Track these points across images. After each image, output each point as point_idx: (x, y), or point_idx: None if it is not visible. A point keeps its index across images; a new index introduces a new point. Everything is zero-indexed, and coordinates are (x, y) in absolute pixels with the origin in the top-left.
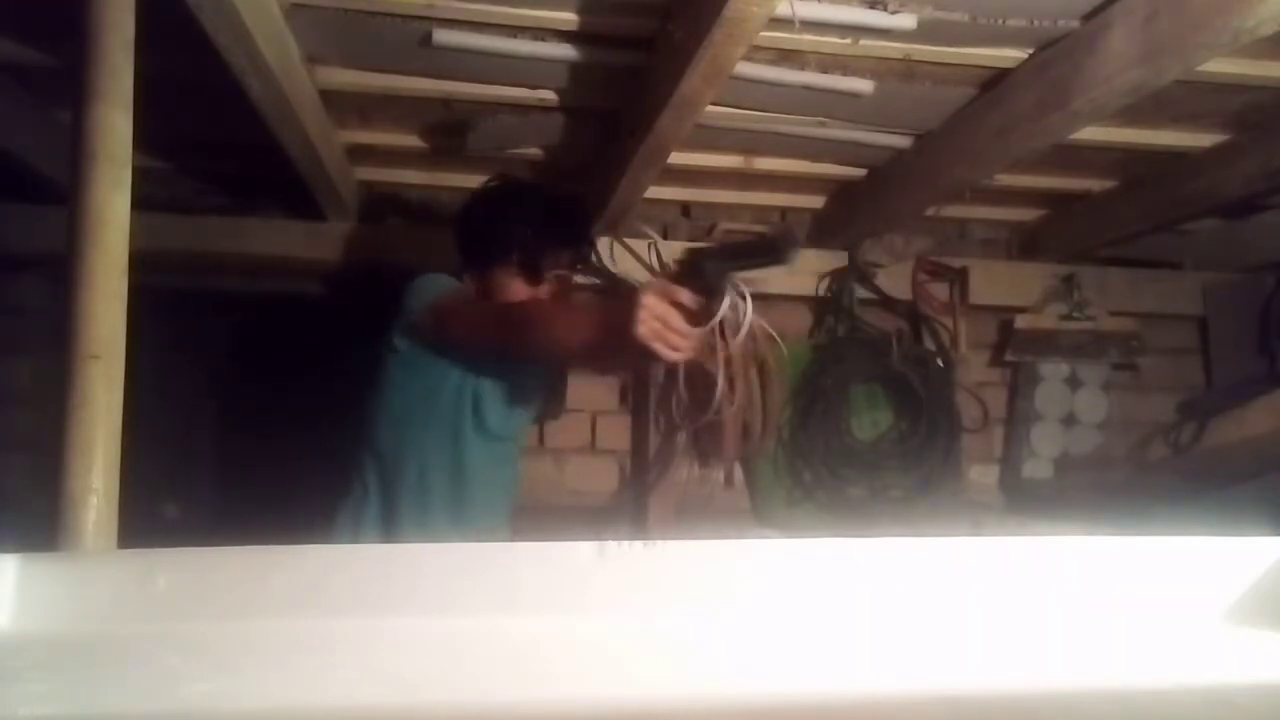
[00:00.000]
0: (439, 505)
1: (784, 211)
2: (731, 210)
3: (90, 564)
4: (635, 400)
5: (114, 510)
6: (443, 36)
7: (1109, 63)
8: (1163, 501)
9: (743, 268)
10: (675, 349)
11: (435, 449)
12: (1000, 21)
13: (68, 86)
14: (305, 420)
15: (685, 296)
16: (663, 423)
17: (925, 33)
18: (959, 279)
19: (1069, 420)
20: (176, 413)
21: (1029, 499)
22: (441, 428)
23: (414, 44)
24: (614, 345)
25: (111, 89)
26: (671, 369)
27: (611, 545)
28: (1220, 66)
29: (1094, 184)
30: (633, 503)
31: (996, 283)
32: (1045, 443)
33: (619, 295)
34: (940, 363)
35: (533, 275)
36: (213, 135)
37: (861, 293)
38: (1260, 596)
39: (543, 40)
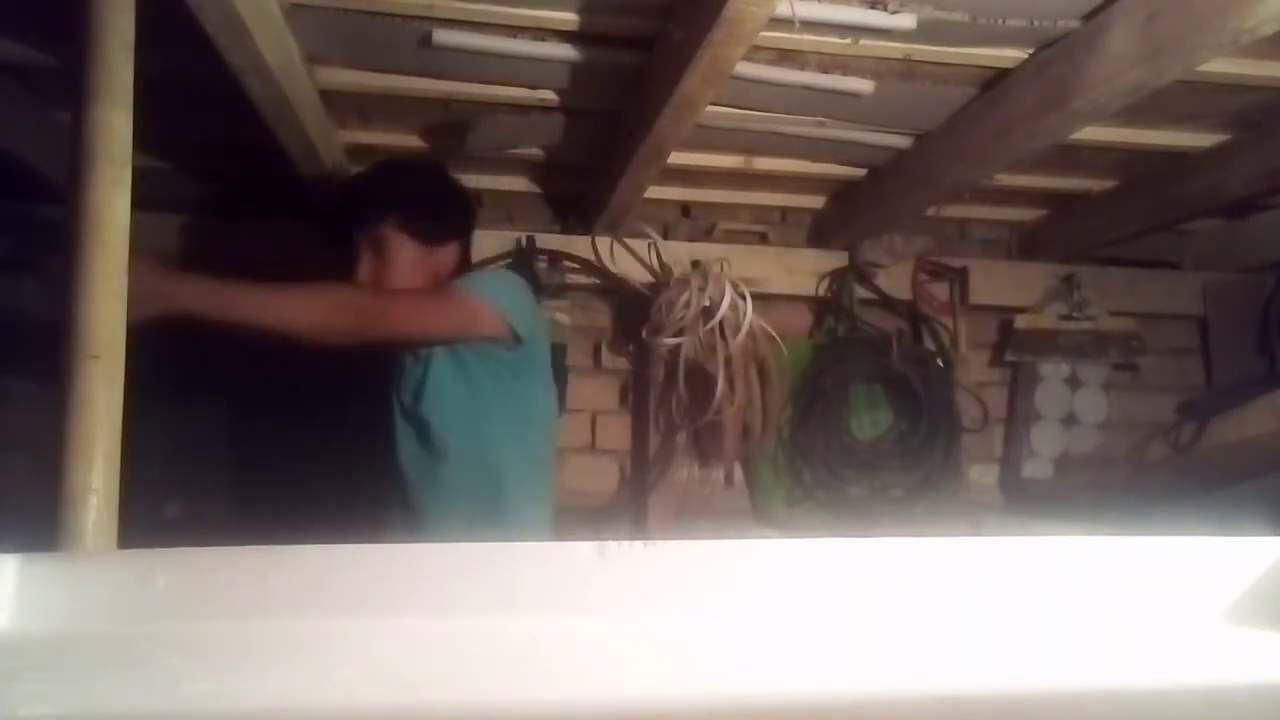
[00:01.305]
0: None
1: (784, 211)
2: (731, 210)
3: (90, 564)
4: (635, 400)
5: (114, 510)
6: (443, 36)
7: (1109, 63)
8: (1163, 501)
9: None
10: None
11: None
12: (1000, 21)
13: (68, 86)
14: (308, 420)
15: None
16: (663, 423)
17: (925, 33)
18: (959, 279)
19: (1069, 420)
20: (180, 411)
21: (1029, 499)
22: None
23: (414, 44)
24: None
25: (111, 89)
26: (671, 369)
27: (611, 545)
28: (1220, 66)
29: (1094, 184)
30: (633, 503)
31: (996, 283)
32: (1045, 443)
33: None
34: (940, 363)
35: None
36: (213, 135)
37: (861, 293)
38: (1260, 596)
39: (543, 40)
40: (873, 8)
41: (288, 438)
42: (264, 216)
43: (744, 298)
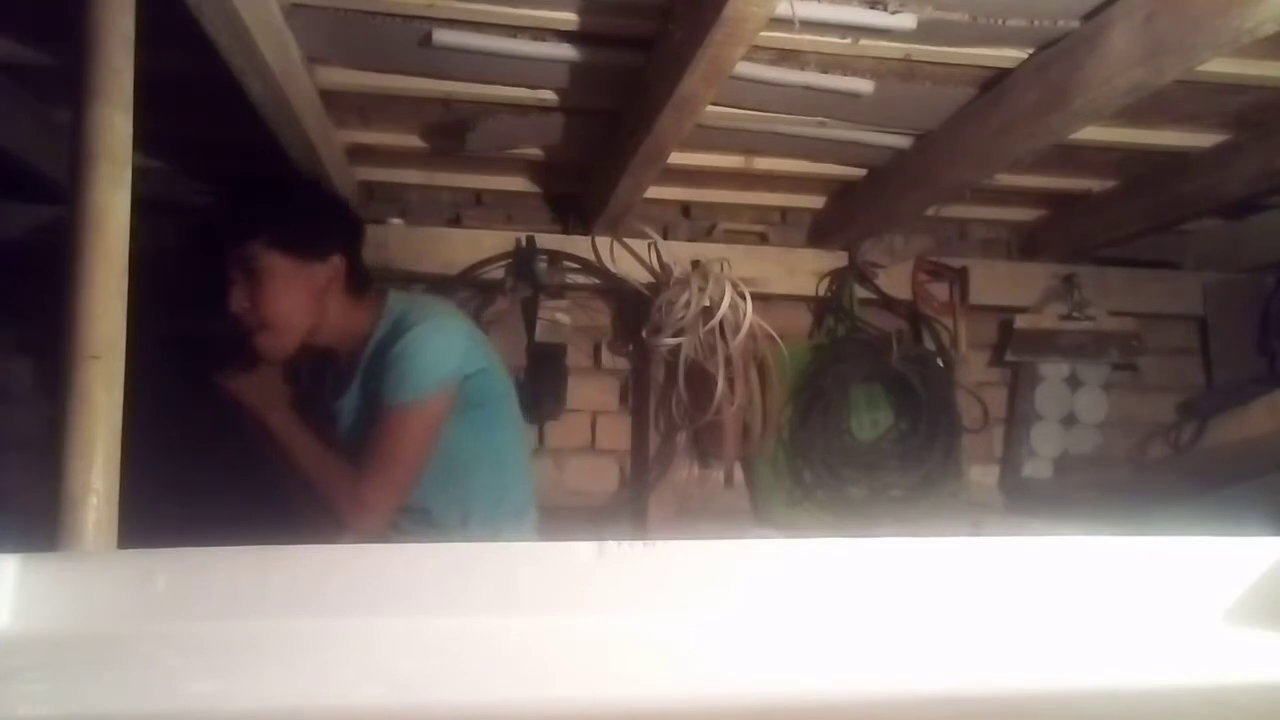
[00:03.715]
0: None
1: (784, 211)
2: (731, 210)
3: (90, 564)
4: (635, 400)
5: (114, 510)
6: (443, 36)
7: (1109, 63)
8: (1163, 501)
9: None
10: None
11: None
12: (1000, 21)
13: (68, 86)
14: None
15: None
16: (663, 423)
17: (925, 33)
18: (959, 279)
19: (1069, 420)
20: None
21: (1029, 499)
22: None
23: (414, 44)
24: None
25: (111, 89)
26: (671, 369)
27: (611, 545)
28: (1220, 66)
29: (1094, 184)
30: (633, 503)
31: (996, 283)
32: (1045, 443)
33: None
34: (940, 363)
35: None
36: (213, 135)
37: (861, 293)
38: (1260, 596)
39: (543, 40)
40: (873, 8)
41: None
42: None
43: (744, 298)
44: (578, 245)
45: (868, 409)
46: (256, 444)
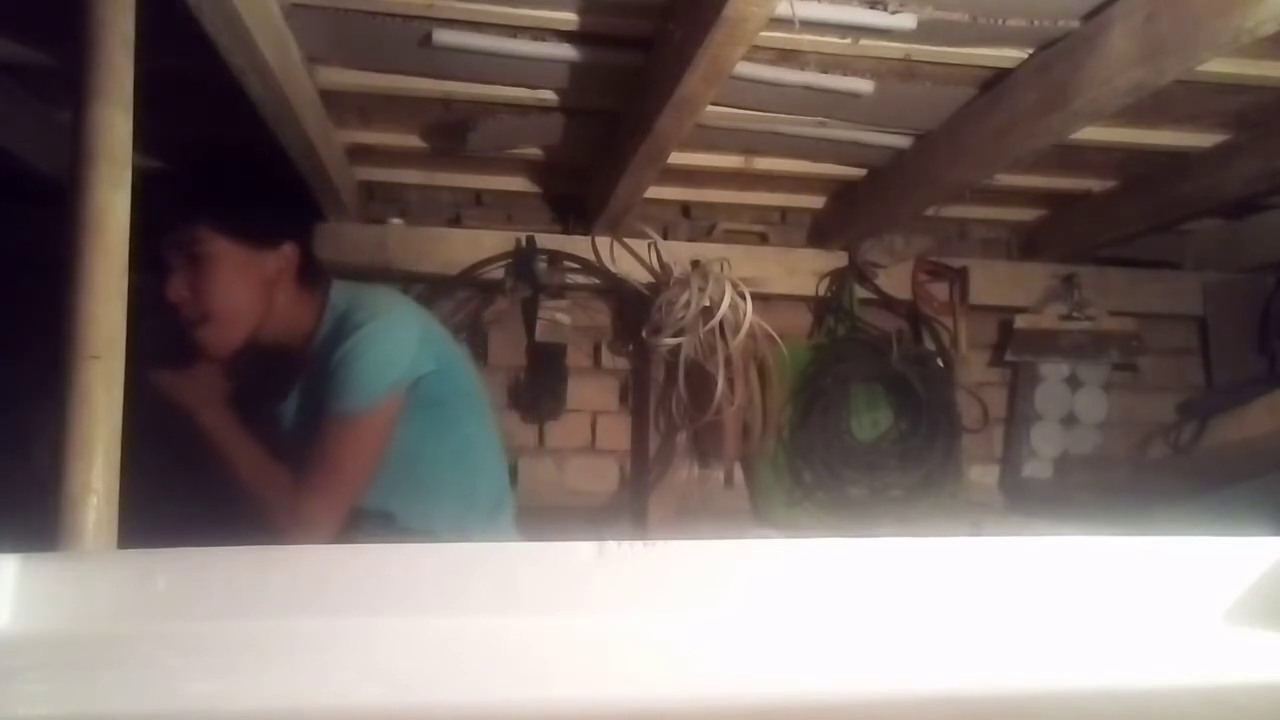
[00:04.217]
0: None
1: (784, 211)
2: (731, 210)
3: (90, 564)
4: (635, 400)
5: (114, 510)
6: (443, 36)
7: (1109, 63)
8: (1163, 501)
9: None
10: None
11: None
12: (1000, 21)
13: (68, 86)
14: None
15: None
16: (663, 423)
17: (925, 33)
18: (959, 279)
19: (1069, 420)
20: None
21: (1029, 499)
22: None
23: (414, 44)
24: None
25: (111, 89)
26: (671, 369)
27: (611, 545)
28: (1220, 66)
29: (1094, 184)
30: (633, 503)
31: (996, 283)
32: (1045, 443)
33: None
34: (940, 363)
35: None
36: (213, 135)
37: (861, 293)
38: (1260, 596)
39: (543, 40)
40: (873, 8)
41: None
42: None
43: (744, 298)
44: (578, 245)
45: (868, 409)
46: (195, 445)
